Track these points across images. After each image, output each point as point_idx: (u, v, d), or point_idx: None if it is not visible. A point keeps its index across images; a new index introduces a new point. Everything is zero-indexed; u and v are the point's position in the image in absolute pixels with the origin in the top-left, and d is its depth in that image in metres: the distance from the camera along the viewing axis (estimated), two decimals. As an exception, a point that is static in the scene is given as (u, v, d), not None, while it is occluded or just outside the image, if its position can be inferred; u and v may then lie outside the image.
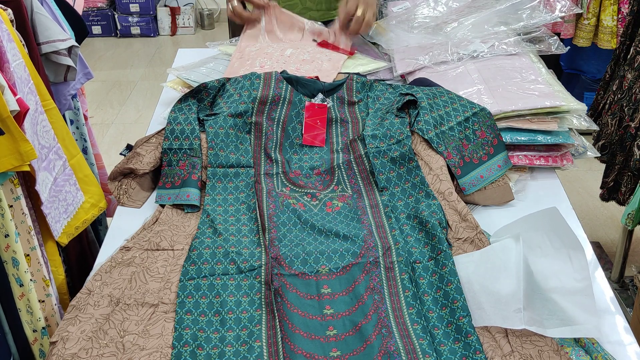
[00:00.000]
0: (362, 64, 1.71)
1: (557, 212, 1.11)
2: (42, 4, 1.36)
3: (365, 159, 1.37)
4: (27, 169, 1.09)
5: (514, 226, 1.15)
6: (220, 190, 1.32)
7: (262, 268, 1.14)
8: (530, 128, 1.38)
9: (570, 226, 1.10)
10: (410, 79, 1.62)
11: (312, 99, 1.50)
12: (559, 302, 1.02)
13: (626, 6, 2.62)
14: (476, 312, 1.03)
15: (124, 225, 1.29)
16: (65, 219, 1.26)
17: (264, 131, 1.44)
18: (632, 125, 1.97)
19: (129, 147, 1.46)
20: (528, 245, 1.10)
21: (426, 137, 1.35)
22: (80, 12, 1.60)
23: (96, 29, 4.89)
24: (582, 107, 1.40)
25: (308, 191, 1.33)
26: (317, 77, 1.56)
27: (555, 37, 1.65)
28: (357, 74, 1.61)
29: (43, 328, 1.18)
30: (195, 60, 1.78)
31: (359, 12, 1.73)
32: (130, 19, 4.87)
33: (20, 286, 1.13)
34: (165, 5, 4.93)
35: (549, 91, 1.43)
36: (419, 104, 1.40)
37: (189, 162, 1.35)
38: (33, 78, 1.19)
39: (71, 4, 1.56)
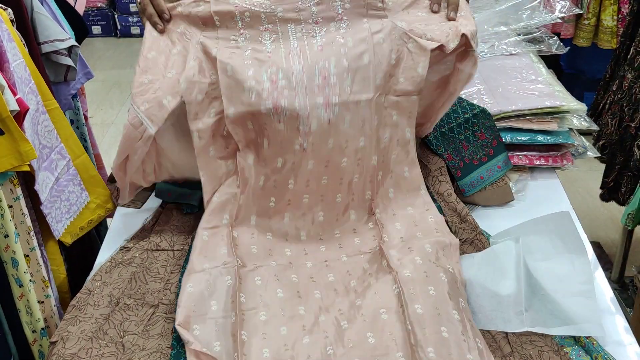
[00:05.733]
0: None
1: (568, 216, 1.11)
2: (42, 4, 1.36)
3: None
4: (27, 169, 1.09)
5: (517, 229, 1.15)
6: None
7: None
8: (530, 128, 1.38)
9: (571, 227, 1.10)
10: (411, 79, 1.62)
11: None
12: (560, 303, 1.02)
13: (626, 6, 2.62)
14: (478, 315, 1.02)
15: (124, 225, 1.29)
16: (67, 219, 1.26)
17: None
18: (632, 125, 1.96)
19: (129, 147, 1.46)
20: (528, 248, 1.09)
21: (425, 140, 1.35)
22: (81, 12, 1.60)
23: (96, 29, 4.88)
24: (582, 107, 1.39)
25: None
26: None
27: (555, 38, 1.65)
28: None
29: (42, 329, 1.18)
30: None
31: None
32: (130, 18, 4.87)
33: (20, 287, 1.13)
34: (165, 5, 4.93)
35: (549, 91, 1.43)
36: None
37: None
38: (34, 78, 1.19)
39: (72, 3, 1.56)
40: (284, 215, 1.17)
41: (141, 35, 5.49)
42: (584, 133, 1.50)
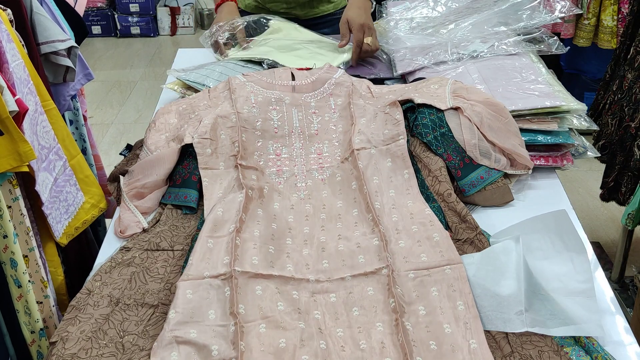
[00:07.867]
0: (348, 51, 1.75)
1: (565, 215, 1.11)
2: (41, 4, 1.36)
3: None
4: (26, 169, 1.09)
5: (516, 228, 1.15)
6: None
7: None
8: (530, 128, 1.38)
9: (571, 227, 1.10)
10: (410, 79, 1.62)
11: None
12: (560, 303, 1.02)
13: (626, 6, 2.62)
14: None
15: (124, 225, 1.29)
16: (66, 220, 1.26)
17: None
18: (632, 125, 1.97)
19: (129, 147, 1.46)
20: (528, 247, 1.09)
21: (425, 140, 1.35)
22: (81, 12, 1.59)
23: (96, 29, 4.89)
24: (582, 107, 1.39)
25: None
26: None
27: (555, 38, 1.65)
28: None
29: (41, 329, 1.18)
30: (195, 64, 1.77)
31: (369, 41, 1.70)
32: (130, 19, 4.87)
33: (19, 287, 1.13)
34: (165, 5, 4.93)
35: (549, 91, 1.43)
36: (416, 107, 1.40)
37: (190, 163, 1.35)
38: (33, 78, 1.19)
39: (72, 4, 1.56)
40: (286, 239, 1.18)
41: (141, 35, 5.45)
42: (584, 133, 1.50)
